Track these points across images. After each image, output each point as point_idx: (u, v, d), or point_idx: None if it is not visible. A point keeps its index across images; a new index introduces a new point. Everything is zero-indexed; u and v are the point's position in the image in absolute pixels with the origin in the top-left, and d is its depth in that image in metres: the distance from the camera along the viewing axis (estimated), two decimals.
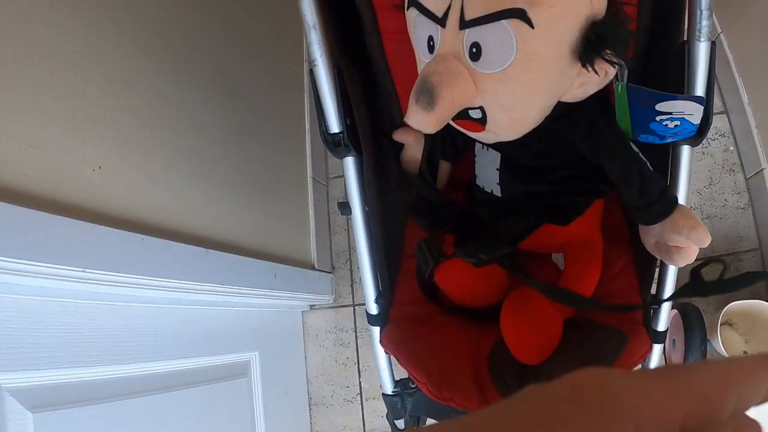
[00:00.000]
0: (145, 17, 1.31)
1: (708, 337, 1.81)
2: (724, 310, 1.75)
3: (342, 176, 2.23)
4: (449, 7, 0.81)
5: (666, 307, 1.11)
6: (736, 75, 1.91)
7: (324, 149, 2.24)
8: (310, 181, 2.16)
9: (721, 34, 1.93)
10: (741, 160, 2.00)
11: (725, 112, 2.04)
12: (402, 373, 1.18)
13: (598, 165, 1.02)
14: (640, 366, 1.14)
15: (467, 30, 0.80)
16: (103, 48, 1.16)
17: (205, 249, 1.40)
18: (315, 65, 1.05)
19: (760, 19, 1.73)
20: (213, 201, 1.53)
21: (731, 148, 2.02)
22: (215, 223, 1.52)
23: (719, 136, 2.03)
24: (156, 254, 1.24)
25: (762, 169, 1.85)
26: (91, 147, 1.11)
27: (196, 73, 1.51)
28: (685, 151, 1.03)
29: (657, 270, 1.13)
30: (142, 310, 1.34)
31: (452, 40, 0.82)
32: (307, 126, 2.22)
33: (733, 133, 2.03)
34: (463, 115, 0.87)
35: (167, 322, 1.43)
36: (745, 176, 1.99)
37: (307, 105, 2.23)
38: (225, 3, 1.72)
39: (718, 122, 2.04)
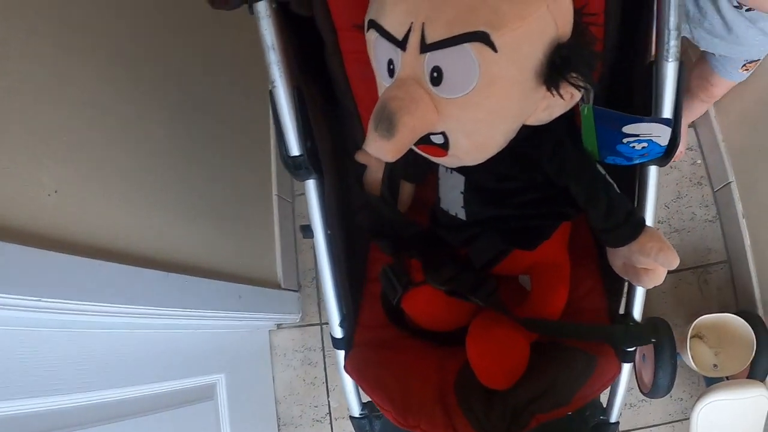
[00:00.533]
0: (106, 36, 1.27)
1: (678, 351, 1.81)
2: (693, 324, 1.75)
3: None
4: (410, 30, 0.79)
5: None
6: None
7: None
8: (275, 198, 2.13)
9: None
10: (708, 174, 2.02)
11: (692, 125, 2.05)
12: None
13: (564, 187, 1.01)
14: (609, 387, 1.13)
15: (428, 54, 0.78)
16: (58, 66, 1.13)
17: (166, 273, 1.36)
18: (274, 86, 1.03)
19: None
20: (174, 222, 1.49)
21: (699, 162, 2.03)
22: (177, 245, 1.48)
23: (687, 149, 2.04)
24: (115, 280, 1.20)
25: (729, 182, 1.86)
26: (46, 171, 1.07)
27: (158, 90, 1.47)
28: (653, 171, 1.02)
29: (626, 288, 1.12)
30: (103, 336, 1.30)
31: (412, 64, 0.80)
32: (272, 142, 2.18)
33: (700, 146, 2.04)
34: (424, 141, 0.85)
35: (129, 347, 1.39)
36: (713, 189, 2.00)
37: (272, 121, 2.18)
38: (191, 21, 1.69)
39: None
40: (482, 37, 0.74)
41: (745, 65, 1.54)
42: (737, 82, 1.64)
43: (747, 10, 1.28)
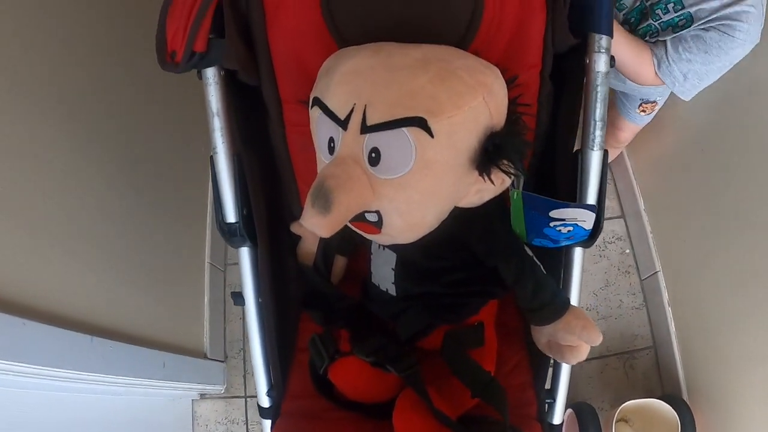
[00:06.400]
0: (50, 85, 1.28)
1: None
2: (619, 408, 1.77)
3: None
4: (352, 111, 0.81)
5: (560, 400, 1.13)
6: (634, 182, 2.01)
7: None
8: (207, 266, 2.11)
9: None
10: (636, 263, 2.08)
11: (622, 216, 2.13)
12: None
13: (492, 267, 1.03)
14: None
15: (368, 135, 0.80)
16: None
17: (90, 336, 1.32)
18: (215, 152, 1.04)
19: (656, 130, 1.82)
20: (103, 283, 1.46)
21: (627, 251, 2.10)
22: (104, 308, 1.45)
23: (616, 239, 2.11)
24: (38, 341, 1.17)
25: (656, 272, 1.92)
26: None
27: (98, 147, 1.47)
28: (578, 252, 1.07)
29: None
30: (16, 396, 1.25)
31: (352, 143, 0.82)
32: (209, 209, 2.18)
33: (629, 236, 2.11)
34: (359, 218, 0.87)
35: (43, 411, 1.35)
36: (640, 278, 2.07)
37: (210, 188, 2.19)
38: (136, 78, 1.70)
39: (616, 226, 2.13)
40: (420, 123, 0.78)
41: (641, 105, 1.64)
42: (641, 125, 1.75)
43: None
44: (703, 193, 1.65)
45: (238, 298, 1.17)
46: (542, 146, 1.08)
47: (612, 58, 0.96)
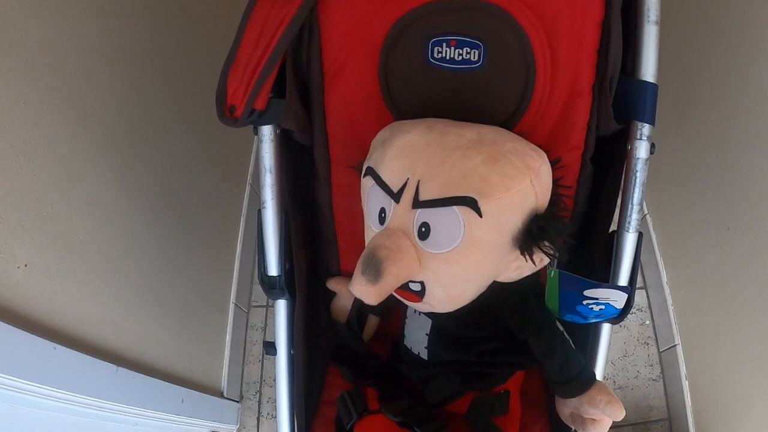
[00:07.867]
0: (93, 119, 1.30)
1: None
2: None
3: (264, 306, 2.23)
4: (405, 184, 0.85)
5: None
6: (658, 254, 2.02)
7: (250, 276, 2.24)
8: (231, 306, 2.12)
9: (648, 216, 2.04)
10: (656, 334, 2.08)
11: (644, 288, 2.13)
12: None
13: (524, 340, 1.05)
14: None
15: (419, 210, 0.84)
16: (47, 143, 1.14)
17: (116, 366, 1.34)
18: (264, 207, 1.07)
19: (683, 205, 1.84)
20: (132, 315, 1.48)
21: (647, 322, 2.10)
22: (130, 339, 1.47)
23: (637, 310, 2.12)
24: (66, 366, 1.17)
25: (675, 345, 1.92)
26: (20, 242, 1.07)
27: (137, 182, 1.50)
28: (605, 328, 1.09)
29: None
30: (35, 416, 1.26)
31: (403, 216, 0.85)
32: (238, 250, 2.20)
33: (650, 308, 2.12)
34: (403, 287, 0.89)
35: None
36: (659, 350, 2.06)
37: (242, 229, 2.23)
38: (176, 117, 1.73)
39: (637, 297, 2.09)
40: (470, 203, 0.81)
41: None
42: None
43: None
44: (727, 270, 1.65)
45: (270, 348, 1.18)
46: (577, 226, 1.10)
47: (653, 145, 0.99)
